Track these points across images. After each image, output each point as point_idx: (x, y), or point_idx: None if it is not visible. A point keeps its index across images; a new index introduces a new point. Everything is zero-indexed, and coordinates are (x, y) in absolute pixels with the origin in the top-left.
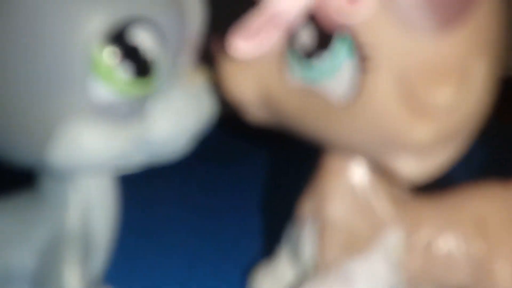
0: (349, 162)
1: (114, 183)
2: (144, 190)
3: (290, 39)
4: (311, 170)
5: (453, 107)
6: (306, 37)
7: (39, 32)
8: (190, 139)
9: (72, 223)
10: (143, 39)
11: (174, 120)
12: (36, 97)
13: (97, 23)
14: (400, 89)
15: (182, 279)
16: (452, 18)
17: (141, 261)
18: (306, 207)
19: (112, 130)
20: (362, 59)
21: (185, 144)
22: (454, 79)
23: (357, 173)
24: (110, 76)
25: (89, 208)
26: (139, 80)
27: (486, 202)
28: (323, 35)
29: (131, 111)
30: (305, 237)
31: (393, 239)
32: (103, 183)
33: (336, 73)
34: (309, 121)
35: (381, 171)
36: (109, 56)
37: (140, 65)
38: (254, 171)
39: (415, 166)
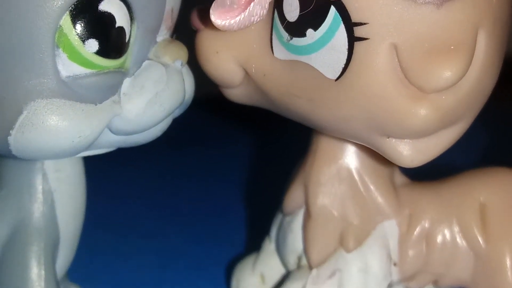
0: (341, 146)
1: (83, 170)
2: (116, 176)
3: (274, 10)
4: (300, 154)
5: (455, 86)
6: (292, 7)
7: None
8: (167, 119)
9: (37, 213)
10: (114, 12)
11: (150, 99)
12: None
13: None
14: (396, 64)
15: (158, 272)
16: None
17: (112, 255)
18: (296, 195)
19: (82, 110)
20: (354, 26)
21: (162, 125)
22: (457, 55)
23: (349, 157)
24: (78, 51)
25: (55, 197)
26: (110, 56)
27: (487, 189)
28: (310, 4)
29: (103, 90)
30: (297, 229)
31: (389, 230)
32: (71, 170)
33: (326, 44)
34: (297, 98)
35: (376, 155)
36: (77, 29)
37: (111, 39)
38: (238, 154)
39: (412, 151)
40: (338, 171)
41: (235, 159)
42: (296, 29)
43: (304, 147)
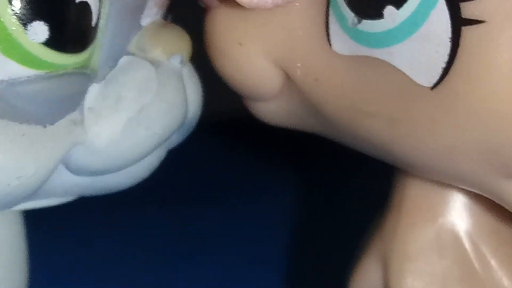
0: (441, 196)
1: (23, 231)
2: (75, 241)
3: None
4: (375, 208)
5: None
6: None
7: None
8: (158, 151)
9: None
10: None
11: (130, 118)
12: None
13: None
14: None
15: None
16: None
17: None
18: (369, 274)
19: (23, 136)
20: (461, 1)
21: (150, 161)
22: None
23: (455, 214)
24: (16, 41)
25: None
26: (67, 48)
27: None
28: None
29: (56, 103)
30: None
31: None
32: (5, 231)
33: (416, 30)
34: (370, 117)
35: (498, 210)
36: (15, 6)
37: (68, 22)
38: (272, 209)
39: None
40: (438, 236)
41: (268, 216)
42: (368, 6)
43: (381, 197)
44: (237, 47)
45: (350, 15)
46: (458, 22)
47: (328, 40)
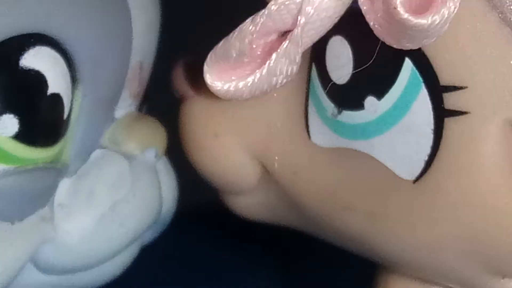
0: None
1: None
2: None
3: (312, 65)
4: None
5: None
6: (340, 61)
7: None
8: (131, 248)
9: None
10: (45, 70)
11: (103, 214)
12: None
13: None
14: None
15: None
16: None
17: None
18: None
19: None
20: (444, 92)
21: (123, 259)
22: None
23: None
24: None
25: None
26: (38, 142)
27: None
28: (371, 55)
29: (25, 199)
30: None
31: None
32: None
33: (397, 121)
34: (350, 212)
35: None
36: None
37: (38, 116)
38: None
39: None
40: None
41: None
42: (348, 97)
43: None
44: (213, 139)
45: (330, 105)
46: (441, 113)
47: (307, 132)
